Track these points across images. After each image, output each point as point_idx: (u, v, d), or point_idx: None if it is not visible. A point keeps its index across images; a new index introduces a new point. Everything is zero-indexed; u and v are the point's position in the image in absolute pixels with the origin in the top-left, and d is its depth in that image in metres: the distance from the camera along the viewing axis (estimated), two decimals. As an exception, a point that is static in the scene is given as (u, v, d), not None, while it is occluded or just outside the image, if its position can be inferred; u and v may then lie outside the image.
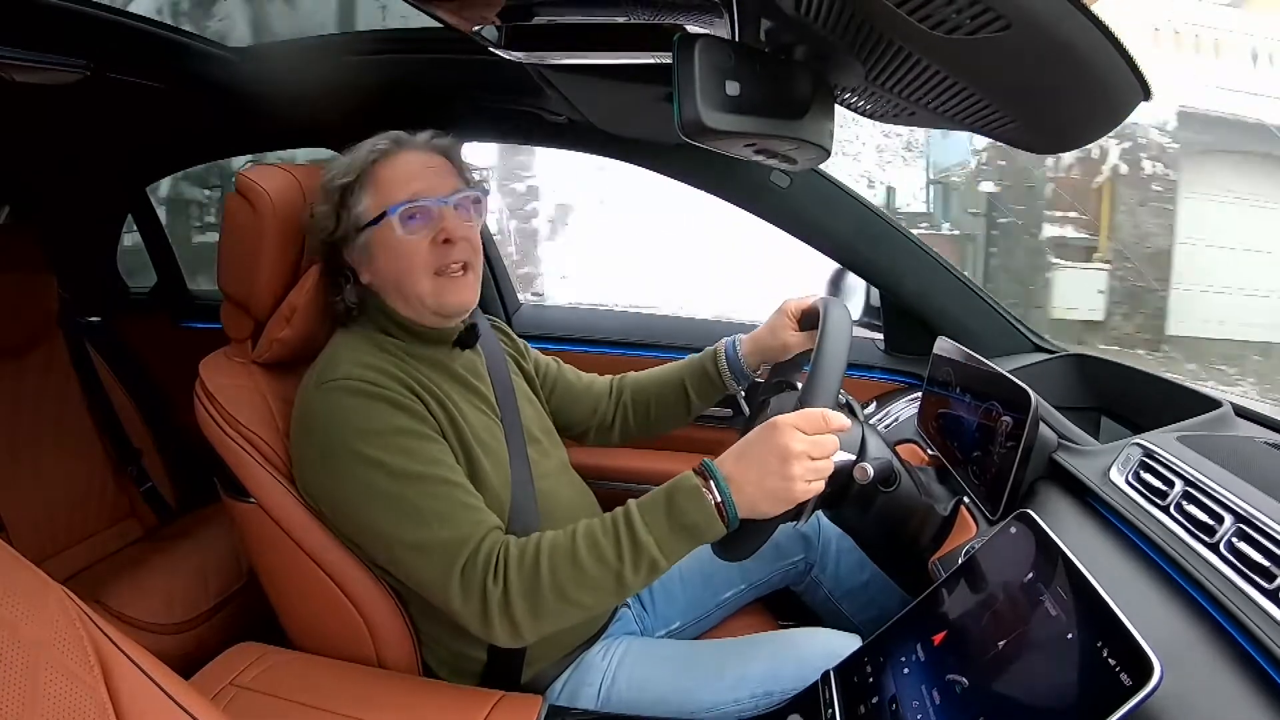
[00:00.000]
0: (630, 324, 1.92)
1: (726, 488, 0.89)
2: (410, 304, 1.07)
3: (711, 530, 0.90)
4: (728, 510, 0.89)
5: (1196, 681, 0.62)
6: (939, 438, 1.26)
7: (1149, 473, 0.88)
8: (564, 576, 0.91)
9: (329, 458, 0.99)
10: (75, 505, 1.81)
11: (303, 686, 1.04)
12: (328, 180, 1.07)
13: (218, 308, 1.20)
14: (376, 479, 0.95)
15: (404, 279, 1.05)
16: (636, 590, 0.93)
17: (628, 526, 0.91)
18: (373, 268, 1.07)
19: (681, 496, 0.91)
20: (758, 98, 0.73)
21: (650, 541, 0.90)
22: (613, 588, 0.91)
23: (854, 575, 1.37)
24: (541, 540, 0.94)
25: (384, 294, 1.09)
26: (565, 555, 0.92)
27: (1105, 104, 0.67)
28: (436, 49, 1.41)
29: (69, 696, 0.53)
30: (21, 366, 1.80)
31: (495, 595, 0.91)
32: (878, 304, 1.71)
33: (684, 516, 0.90)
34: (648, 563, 0.90)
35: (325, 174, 1.09)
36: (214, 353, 1.18)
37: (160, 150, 2.06)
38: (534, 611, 0.91)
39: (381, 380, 0.99)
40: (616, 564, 0.90)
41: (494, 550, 0.94)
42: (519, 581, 0.91)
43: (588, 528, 0.93)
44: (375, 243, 1.06)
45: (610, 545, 0.91)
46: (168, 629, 1.54)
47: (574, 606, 0.92)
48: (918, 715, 0.76)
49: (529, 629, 0.93)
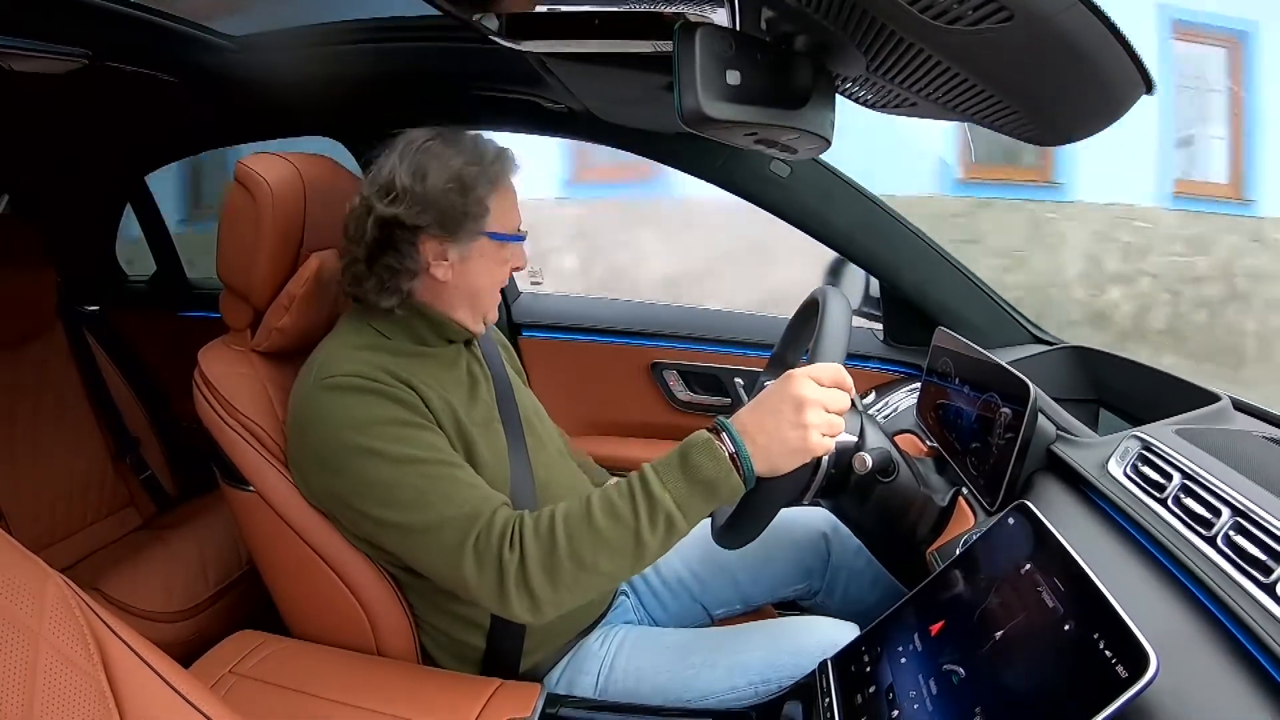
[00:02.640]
0: (629, 313, 1.92)
1: (740, 439, 0.89)
2: (475, 315, 1.11)
3: (727, 484, 0.89)
4: (743, 463, 0.88)
5: (1192, 674, 0.62)
6: (938, 428, 1.26)
7: (1147, 465, 0.88)
8: (581, 541, 0.89)
9: (327, 456, 0.98)
10: (74, 494, 1.81)
11: (302, 674, 1.04)
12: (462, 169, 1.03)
13: (217, 297, 1.20)
14: (376, 468, 0.95)
15: (486, 293, 1.11)
16: (656, 554, 0.92)
17: (642, 485, 0.90)
18: (464, 271, 1.07)
19: (695, 450, 0.90)
20: (758, 87, 0.73)
21: (666, 497, 0.89)
22: (631, 549, 0.89)
23: (865, 596, 1.32)
24: (555, 509, 0.93)
25: (450, 296, 1.08)
26: (580, 519, 0.90)
27: (1107, 97, 0.67)
28: (436, 37, 1.40)
29: (69, 685, 0.53)
30: (20, 356, 1.80)
31: (512, 565, 0.90)
32: (877, 294, 1.71)
33: (699, 470, 0.89)
34: (664, 519, 0.89)
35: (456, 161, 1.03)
36: (213, 341, 1.18)
37: (159, 139, 2.05)
38: (552, 581, 0.90)
39: (377, 375, 0.99)
40: (633, 523, 0.89)
41: (508, 522, 0.93)
42: (535, 549, 0.90)
43: (602, 492, 0.92)
44: (482, 253, 1.07)
45: (626, 505, 0.90)
46: (167, 617, 1.55)
47: (592, 573, 0.90)
48: (914, 705, 0.76)
49: (548, 600, 0.91)
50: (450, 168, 1.03)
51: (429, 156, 1.04)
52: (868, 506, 1.09)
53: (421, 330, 1.09)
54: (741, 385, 1.33)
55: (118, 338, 2.10)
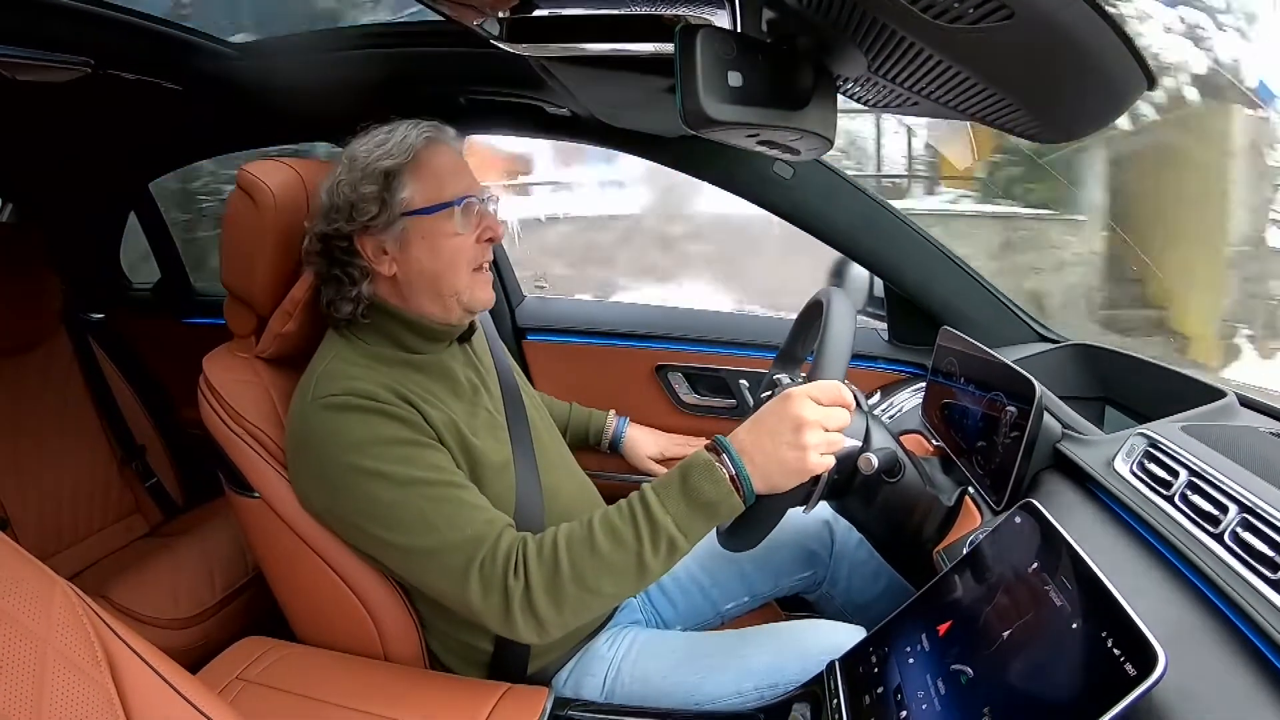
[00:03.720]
0: (633, 316, 1.91)
1: (740, 460, 0.89)
2: (443, 300, 1.06)
3: (727, 505, 0.90)
4: (743, 483, 0.89)
5: (1201, 671, 0.62)
6: (943, 428, 1.26)
7: (1153, 462, 0.88)
8: (584, 565, 0.90)
9: (327, 476, 0.98)
10: (80, 501, 1.82)
11: (309, 680, 1.04)
12: (369, 161, 1.03)
13: (221, 303, 1.20)
14: (379, 490, 0.95)
15: (445, 273, 1.05)
16: (658, 574, 0.93)
17: (644, 508, 0.91)
18: (406, 259, 1.04)
19: (695, 472, 0.90)
20: (760, 88, 0.73)
21: (668, 520, 0.89)
22: (634, 572, 0.91)
23: (868, 588, 1.33)
24: (558, 533, 0.94)
25: (408, 289, 1.06)
26: (583, 543, 0.91)
27: (1109, 93, 0.66)
28: (439, 42, 1.41)
29: (76, 692, 0.53)
30: (25, 363, 1.81)
31: (517, 591, 0.91)
32: (881, 294, 1.71)
33: (699, 493, 0.89)
34: (666, 542, 0.90)
35: (362, 154, 1.04)
36: (217, 348, 1.18)
37: (162, 147, 2.06)
38: (557, 604, 0.91)
39: (377, 394, 0.98)
40: (635, 546, 0.90)
41: (512, 547, 0.93)
42: (540, 574, 0.91)
43: (603, 515, 0.93)
44: (418, 233, 1.03)
45: (628, 528, 0.90)
46: (174, 624, 1.55)
47: (596, 595, 0.91)
48: (923, 705, 0.76)
49: (553, 622, 0.92)
50: (357, 164, 1.03)
51: (339, 165, 1.06)
52: (874, 507, 1.09)
53: (398, 333, 1.07)
54: (746, 387, 1.33)
55: (123, 344, 2.11)
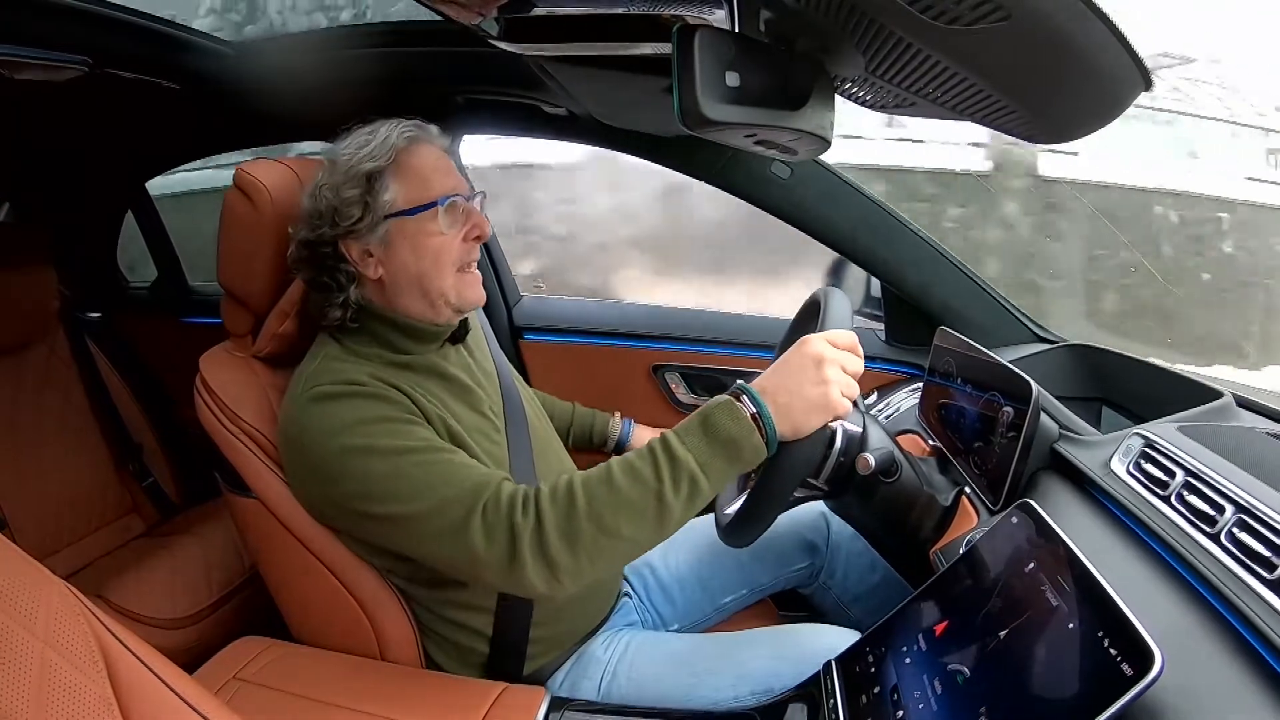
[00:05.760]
0: (630, 315, 1.92)
1: (761, 399, 0.88)
2: (430, 300, 1.05)
3: (749, 444, 0.87)
4: (765, 423, 0.88)
5: (1197, 671, 0.62)
6: (940, 428, 1.26)
7: (1150, 463, 0.88)
8: (601, 502, 0.87)
9: (321, 465, 0.97)
10: (77, 501, 1.81)
11: (306, 680, 1.05)
12: (351, 163, 1.02)
13: (218, 303, 1.20)
14: (372, 464, 0.93)
15: (431, 273, 1.04)
16: (679, 520, 0.89)
17: (664, 446, 0.89)
18: (391, 261, 1.04)
19: (716, 411, 0.89)
20: (758, 89, 0.73)
21: (689, 457, 0.87)
22: (654, 512, 0.87)
23: (864, 579, 1.34)
24: (574, 475, 0.91)
25: (394, 291, 1.05)
26: (601, 481, 0.89)
27: (1106, 94, 0.66)
28: (436, 42, 1.41)
29: (73, 691, 0.53)
30: (22, 362, 1.80)
31: (526, 531, 0.87)
32: (878, 295, 1.71)
33: (720, 429, 0.88)
34: (688, 480, 0.87)
35: (344, 157, 1.03)
36: (214, 348, 1.18)
37: (160, 146, 2.05)
38: (571, 546, 0.87)
39: (361, 379, 0.98)
40: (655, 484, 0.87)
41: (518, 491, 0.91)
42: (553, 513, 0.88)
43: (623, 457, 0.91)
44: (401, 234, 1.03)
45: (647, 467, 0.88)
46: (171, 624, 1.55)
47: (614, 538, 0.87)
48: (919, 705, 0.76)
49: (565, 567, 0.87)
50: (339, 167, 1.03)
51: (320, 170, 1.05)
52: (871, 507, 1.09)
53: (388, 335, 1.06)
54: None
55: (120, 344, 2.10)
